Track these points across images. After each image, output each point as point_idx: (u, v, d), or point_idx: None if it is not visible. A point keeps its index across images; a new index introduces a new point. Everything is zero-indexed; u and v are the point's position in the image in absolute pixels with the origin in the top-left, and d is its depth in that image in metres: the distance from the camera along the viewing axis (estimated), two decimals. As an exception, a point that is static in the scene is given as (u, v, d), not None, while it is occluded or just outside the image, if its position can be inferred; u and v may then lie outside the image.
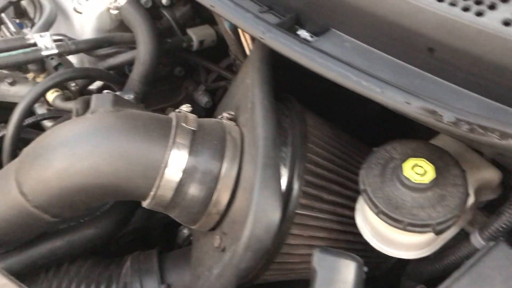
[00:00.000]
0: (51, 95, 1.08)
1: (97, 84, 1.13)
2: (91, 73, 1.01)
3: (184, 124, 0.81)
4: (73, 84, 1.02)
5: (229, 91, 1.05)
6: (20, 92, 1.21)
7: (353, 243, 0.87)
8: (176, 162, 0.78)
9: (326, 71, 0.65)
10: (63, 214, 0.87)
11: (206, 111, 1.26)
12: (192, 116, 0.84)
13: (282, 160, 0.80)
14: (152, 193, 0.80)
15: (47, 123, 1.16)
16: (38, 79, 1.09)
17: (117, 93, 0.87)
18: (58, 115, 1.08)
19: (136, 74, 1.01)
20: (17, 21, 1.32)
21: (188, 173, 0.78)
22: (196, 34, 1.11)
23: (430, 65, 0.66)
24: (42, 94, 0.97)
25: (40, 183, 0.80)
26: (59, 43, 0.98)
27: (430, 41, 0.64)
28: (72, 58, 1.14)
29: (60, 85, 1.01)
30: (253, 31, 0.71)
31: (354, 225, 0.84)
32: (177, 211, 0.83)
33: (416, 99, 0.61)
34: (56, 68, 1.04)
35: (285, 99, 0.91)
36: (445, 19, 0.61)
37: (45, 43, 0.96)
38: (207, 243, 0.88)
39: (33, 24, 1.25)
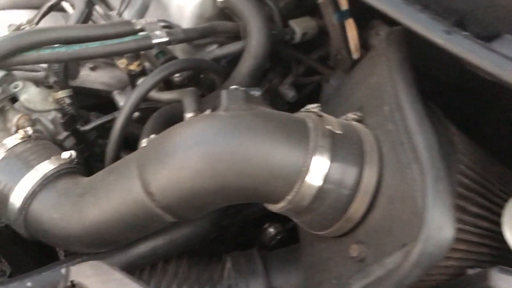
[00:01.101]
0: (143, 84, 1.02)
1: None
2: (202, 64, 0.95)
3: (329, 127, 0.76)
4: (177, 75, 0.96)
5: (339, 89, 1.00)
6: (100, 78, 1.15)
7: (485, 255, 0.84)
8: (318, 167, 0.74)
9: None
10: (188, 216, 0.82)
11: (289, 106, 1.21)
12: (332, 118, 0.79)
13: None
14: (289, 197, 0.76)
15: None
16: (131, 67, 1.02)
17: (243, 88, 0.81)
18: (153, 107, 1.02)
19: (245, 68, 0.96)
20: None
21: (328, 179, 0.74)
22: (300, 26, 1.05)
23: None
24: (158, 83, 0.91)
25: (172, 184, 0.75)
26: (168, 30, 0.92)
27: None
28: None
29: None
30: (429, 32, 0.67)
31: (490, 237, 0.81)
32: (310, 217, 0.79)
33: None
34: (157, 56, 0.97)
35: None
36: None
37: (154, 29, 0.90)
38: (331, 249, 0.84)
39: (108, 6, 1.17)
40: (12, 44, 0.82)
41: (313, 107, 0.83)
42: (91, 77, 1.13)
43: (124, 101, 1.12)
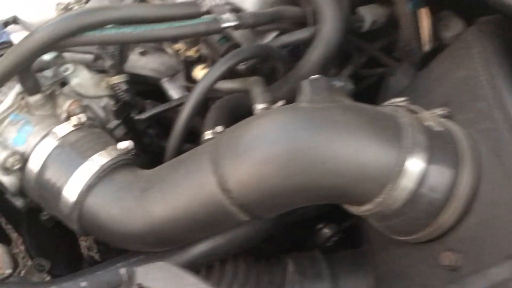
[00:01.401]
0: (201, 72, 0.96)
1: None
2: (271, 52, 0.88)
3: (428, 123, 0.70)
4: (243, 63, 0.89)
5: (414, 84, 0.93)
6: (149, 64, 1.08)
7: None
8: (413, 168, 0.68)
9: None
10: (264, 215, 0.76)
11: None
12: (429, 114, 0.73)
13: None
14: (379, 200, 0.69)
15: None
16: (189, 53, 0.95)
17: (326, 78, 0.74)
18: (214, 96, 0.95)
19: (316, 56, 0.89)
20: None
21: (423, 181, 0.68)
22: (370, 14, 0.98)
23: None
24: (228, 71, 0.84)
25: (253, 180, 0.69)
26: (237, 14, 0.84)
27: None
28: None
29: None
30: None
31: None
32: (398, 221, 0.73)
33: None
34: (220, 42, 0.90)
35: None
36: None
37: (223, 12, 0.83)
38: (413, 256, 0.78)
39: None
40: (74, 23, 0.75)
41: (400, 100, 0.77)
42: (140, 63, 1.06)
43: (173, 90, 1.07)
